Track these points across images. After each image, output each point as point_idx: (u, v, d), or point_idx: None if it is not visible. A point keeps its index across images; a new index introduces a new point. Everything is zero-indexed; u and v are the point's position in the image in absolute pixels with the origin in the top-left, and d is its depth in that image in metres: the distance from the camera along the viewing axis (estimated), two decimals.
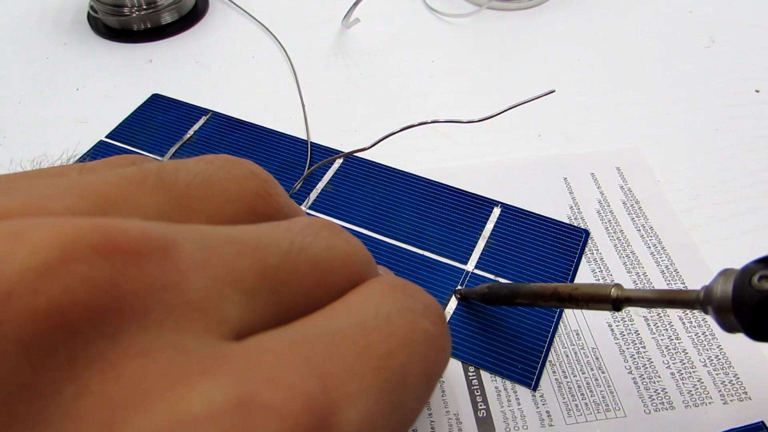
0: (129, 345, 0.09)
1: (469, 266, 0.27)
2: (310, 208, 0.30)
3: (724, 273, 0.16)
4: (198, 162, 0.13)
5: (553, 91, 0.29)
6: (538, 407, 0.23)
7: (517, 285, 0.23)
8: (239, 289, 0.10)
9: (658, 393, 0.23)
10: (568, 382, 0.23)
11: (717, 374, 0.23)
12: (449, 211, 0.29)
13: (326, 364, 0.10)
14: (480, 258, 0.27)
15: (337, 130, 0.34)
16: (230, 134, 0.33)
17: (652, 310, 0.26)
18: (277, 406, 0.09)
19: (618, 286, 0.19)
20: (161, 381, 0.09)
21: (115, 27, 0.41)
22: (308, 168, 0.31)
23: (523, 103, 0.29)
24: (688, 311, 0.25)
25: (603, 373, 0.24)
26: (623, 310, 0.26)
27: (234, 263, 0.11)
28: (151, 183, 0.12)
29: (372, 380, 0.11)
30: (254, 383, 0.09)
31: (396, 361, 0.11)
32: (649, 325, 0.25)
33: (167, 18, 0.41)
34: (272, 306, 0.11)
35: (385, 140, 0.29)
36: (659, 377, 0.23)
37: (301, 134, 0.34)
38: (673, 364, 0.24)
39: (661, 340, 0.25)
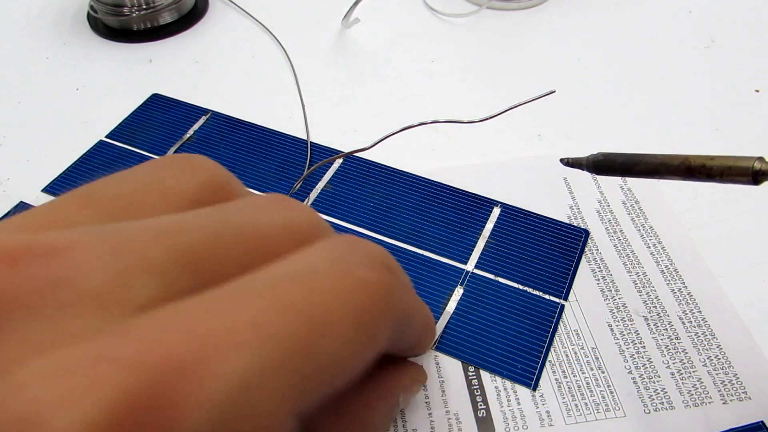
0: (17, 338, 0.10)
1: (469, 266, 0.27)
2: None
3: None
4: (135, 170, 0.14)
5: (554, 92, 0.29)
6: (537, 407, 0.23)
7: (638, 155, 0.21)
8: (150, 271, 0.11)
9: (658, 393, 0.23)
10: (567, 382, 0.23)
11: (717, 374, 0.23)
12: (449, 211, 0.29)
13: (216, 319, 0.11)
14: (480, 258, 0.27)
15: (337, 130, 0.34)
16: (230, 134, 0.33)
17: (652, 309, 0.26)
18: (125, 357, 0.09)
19: (761, 158, 0.18)
20: (31, 351, 0.09)
21: (115, 27, 0.41)
22: (308, 168, 0.31)
23: (523, 104, 0.29)
24: (688, 311, 0.25)
25: (603, 373, 0.24)
26: (627, 309, 0.26)
27: (144, 249, 0.11)
28: (77, 200, 0.13)
29: (273, 329, 0.11)
30: (114, 343, 0.10)
31: (312, 310, 0.12)
32: (648, 325, 0.25)
33: (167, 18, 0.41)
34: (192, 279, 0.12)
35: (385, 140, 0.29)
36: (659, 377, 0.23)
37: (301, 134, 0.34)
38: (673, 364, 0.24)
39: (661, 340, 0.25)
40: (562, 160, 0.24)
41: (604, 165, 0.22)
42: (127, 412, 0.09)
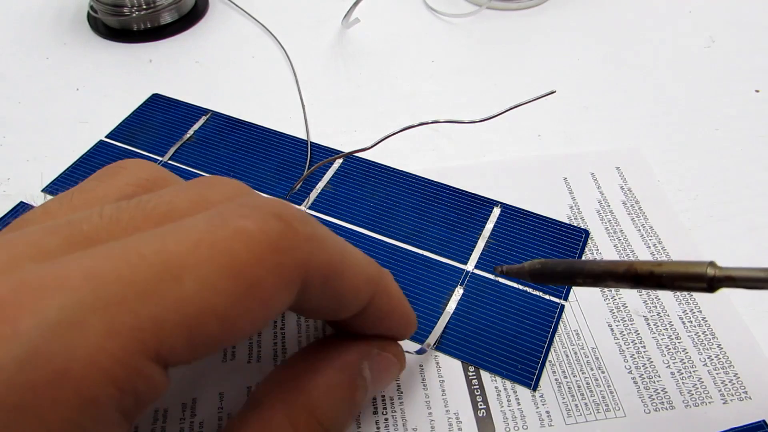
0: None
1: (469, 266, 0.27)
2: (310, 208, 0.30)
3: None
4: (81, 185, 0.17)
5: (554, 92, 0.29)
6: (537, 407, 0.23)
7: (578, 262, 0.20)
8: (37, 258, 0.13)
9: (658, 393, 0.23)
10: (568, 382, 0.23)
11: (717, 374, 0.23)
12: (449, 211, 0.29)
13: (54, 270, 0.12)
14: (480, 258, 0.27)
15: (337, 130, 0.34)
16: (230, 134, 0.33)
17: (652, 309, 0.26)
18: None
19: (713, 263, 0.16)
20: None
21: (115, 27, 0.41)
22: (308, 168, 0.31)
23: (523, 104, 0.29)
24: (688, 311, 0.25)
25: (603, 373, 0.24)
26: (627, 309, 0.26)
27: (38, 241, 0.13)
28: (15, 225, 0.15)
29: (105, 274, 0.12)
30: None
31: (163, 256, 0.12)
32: (649, 324, 0.25)
33: (167, 18, 0.41)
34: None
35: (385, 140, 0.29)
36: (659, 377, 0.23)
37: (301, 134, 0.34)
38: (673, 363, 0.24)
39: (661, 339, 0.25)
40: (495, 269, 0.22)
41: (543, 274, 0.20)
42: None
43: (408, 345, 0.24)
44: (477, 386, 0.23)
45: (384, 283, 0.18)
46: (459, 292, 0.26)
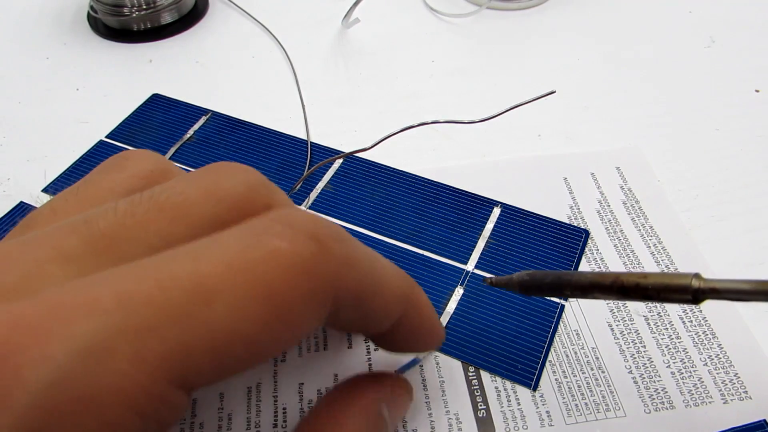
0: None
1: (469, 266, 0.27)
2: (310, 208, 0.30)
3: None
4: (87, 178, 0.17)
5: (554, 92, 0.29)
6: (538, 407, 0.23)
7: (566, 273, 0.20)
8: (62, 261, 0.13)
9: (658, 392, 0.23)
10: (568, 382, 0.23)
11: (717, 373, 0.23)
12: (449, 211, 0.29)
13: (85, 291, 0.12)
14: (480, 258, 0.27)
15: (337, 130, 0.34)
16: (230, 134, 0.33)
17: (652, 309, 0.26)
18: None
19: (697, 275, 0.17)
20: None
21: (115, 27, 0.41)
22: (308, 168, 0.31)
23: (523, 104, 0.29)
24: (688, 310, 0.25)
25: (603, 372, 0.24)
26: (627, 309, 0.26)
27: (59, 242, 0.13)
28: (46, 219, 0.15)
29: (137, 297, 0.12)
30: None
31: (195, 280, 0.12)
32: (649, 324, 0.25)
33: (167, 18, 0.41)
34: (106, 259, 0.13)
35: (385, 140, 0.29)
36: (659, 377, 0.23)
37: (301, 134, 0.34)
38: (674, 363, 0.24)
39: (661, 339, 0.25)
40: (485, 280, 0.23)
41: (531, 285, 0.21)
42: None
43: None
44: (477, 386, 0.23)
45: (415, 297, 0.18)
46: (459, 292, 0.26)
